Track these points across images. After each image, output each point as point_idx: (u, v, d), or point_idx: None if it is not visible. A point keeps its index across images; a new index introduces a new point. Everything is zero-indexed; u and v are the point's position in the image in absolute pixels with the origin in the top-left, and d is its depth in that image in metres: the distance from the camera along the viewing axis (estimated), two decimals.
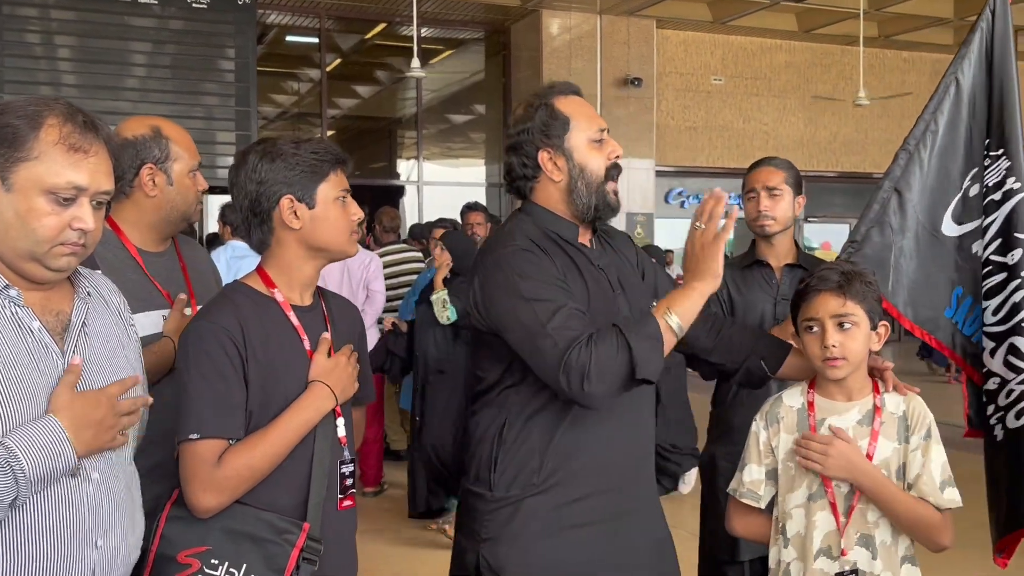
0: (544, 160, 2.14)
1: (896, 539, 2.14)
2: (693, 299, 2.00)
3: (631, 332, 1.93)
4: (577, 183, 2.14)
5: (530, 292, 2.00)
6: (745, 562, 2.91)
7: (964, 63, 2.81)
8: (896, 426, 2.15)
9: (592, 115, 2.18)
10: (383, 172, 14.90)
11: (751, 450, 2.25)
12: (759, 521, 2.27)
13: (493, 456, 2.11)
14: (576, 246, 2.17)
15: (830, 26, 13.40)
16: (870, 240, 2.75)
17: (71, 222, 1.57)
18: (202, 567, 1.82)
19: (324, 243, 2.00)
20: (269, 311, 1.96)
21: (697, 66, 13.90)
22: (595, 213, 2.15)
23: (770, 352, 2.33)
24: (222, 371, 1.86)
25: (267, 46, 12.96)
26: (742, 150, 13.93)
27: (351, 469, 2.04)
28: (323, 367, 1.96)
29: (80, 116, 1.60)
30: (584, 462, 2.10)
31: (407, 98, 13.93)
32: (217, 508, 1.83)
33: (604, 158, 2.14)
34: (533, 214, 2.18)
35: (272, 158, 1.95)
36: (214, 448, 1.83)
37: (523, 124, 2.16)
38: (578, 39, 12.53)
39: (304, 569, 1.87)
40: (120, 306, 1.81)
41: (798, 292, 2.19)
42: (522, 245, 2.08)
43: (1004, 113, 2.76)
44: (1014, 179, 2.73)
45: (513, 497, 2.08)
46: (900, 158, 2.79)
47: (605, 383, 1.93)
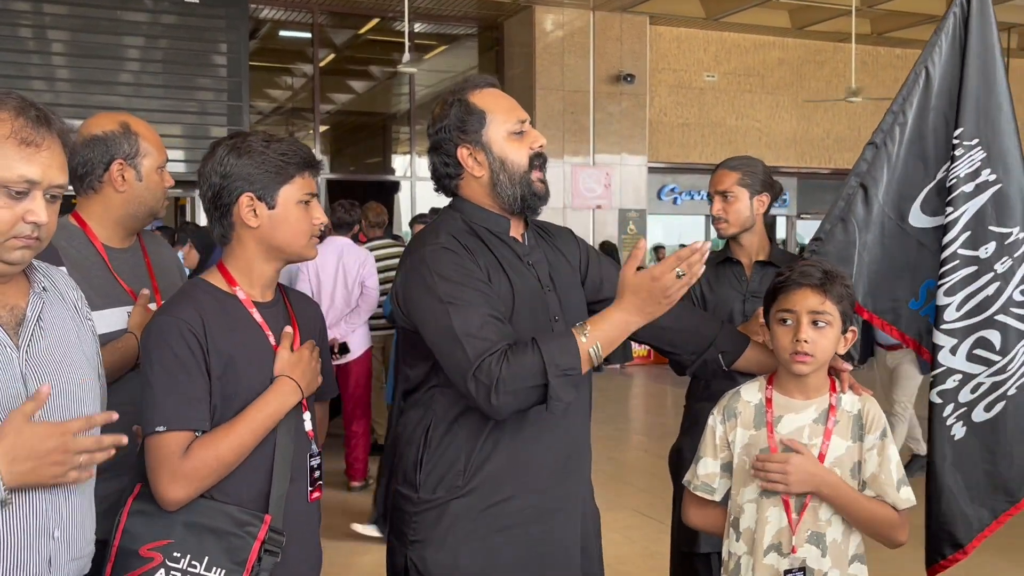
0: (464, 156, 2.12)
1: (847, 537, 2.16)
2: (623, 333, 1.96)
3: (551, 364, 1.89)
4: (499, 176, 2.11)
5: (447, 295, 1.97)
6: (712, 555, 2.95)
7: (935, 52, 2.74)
8: (850, 425, 2.17)
9: (510, 107, 2.15)
10: (377, 167, 14.89)
11: (707, 443, 2.27)
12: (714, 513, 2.29)
13: (419, 457, 2.09)
14: (505, 241, 2.15)
15: (823, 23, 13.42)
16: (834, 237, 2.73)
17: (24, 215, 1.58)
18: (164, 560, 1.84)
19: (281, 244, 2.00)
20: (231, 307, 1.98)
21: (690, 63, 13.91)
22: (522, 203, 2.12)
23: (729, 345, 2.33)
24: (184, 364, 1.87)
25: (260, 41, 12.96)
26: (735, 147, 13.95)
27: (318, 462, 2.06)
28: (287, 361, 1.98)
29: (32, 110, 1.60)
30: (508, 464, 2.08)
31: (400, 93, 13.93)
32: (185, 499, 1.85)
33: (526, 148, 2.12)
34: (462, 210, 2.16)
35: (239, 153, 1.96)
36: (180, 440, 1.84)
37: (440, 122, 2.13)
38: (571, 35, 12.53)
39: (266, 560, 1.89)
40: (77, 301, 1.81)
41: (776, 283, 2.19)
42: (444, 243, 2.05)
43: (982, 103, 2.68)
44: (989, 171, 2.66)
45: (439, 499, 2.06)
46: (867, 152, 2.76)
47: (512, 401, 1.91)
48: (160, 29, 10.69)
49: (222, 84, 10.92)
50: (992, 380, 2.67)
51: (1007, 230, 2.66)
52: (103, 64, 10.40)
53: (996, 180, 2.66)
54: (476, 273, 2.02)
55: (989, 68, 2.69)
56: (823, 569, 2.13)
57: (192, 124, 10.59)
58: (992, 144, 2.66)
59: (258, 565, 1.87)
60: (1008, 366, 2.67)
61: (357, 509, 5.84)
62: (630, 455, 7.74)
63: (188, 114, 10.62)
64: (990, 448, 2.68)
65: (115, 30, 10.47)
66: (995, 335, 2.66)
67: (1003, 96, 2.70)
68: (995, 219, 2.65)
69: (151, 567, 1.84)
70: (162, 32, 10.69)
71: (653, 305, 1.92)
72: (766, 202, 3.07)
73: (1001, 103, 2.69)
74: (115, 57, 10.51)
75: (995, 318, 2.66)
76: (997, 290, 2.65)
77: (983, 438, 2.69)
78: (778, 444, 2.17)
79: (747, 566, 2.18)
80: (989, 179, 2.66)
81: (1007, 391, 2.68)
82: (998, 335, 2.66)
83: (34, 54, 10.28)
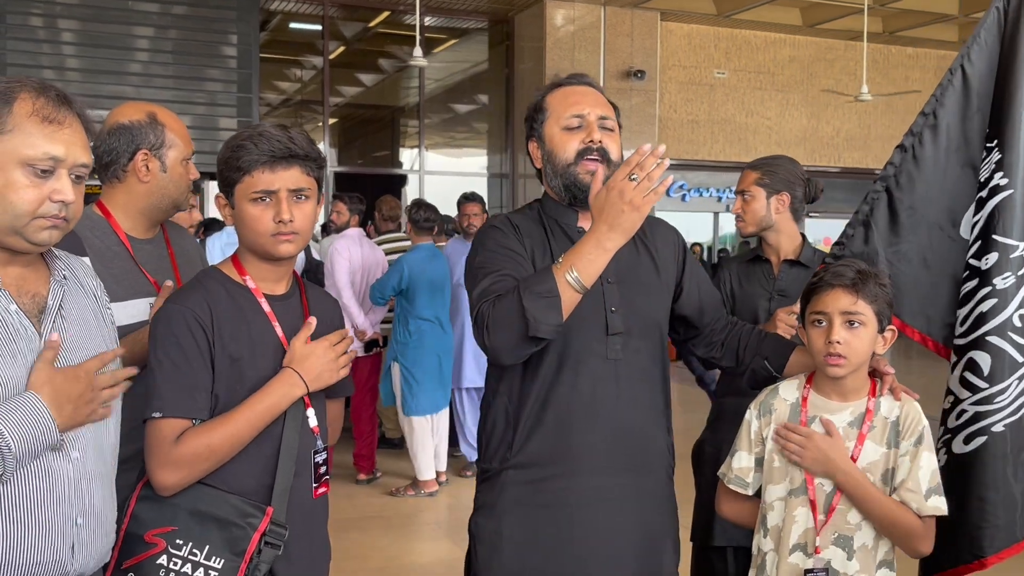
0: (532, 150, 2.27)
1: (877, 543, 2.14)
2: (598, 254, 1.95)
3: (526, 291, 1.95)
4: (547, 168, 2.22)
5: (480, 262, 2.13)
6: (728, 548, 2.95)
7: (974, 49, 2.56)
8: (887, 431, 2.13)
9: (572, 103, 2.19)
10: (385, 161, 14.88)
11: (742, 438, 2.26)
12: (747, 507, 2.28)
13: (482, 428, 2.25)
14: (568, 233, 2.20)
15: (834, 21, 13.37)
16: (854, 242, 2.62)
17: (50, 194, 1.58)
18: (167, 547, 1.85)
19: (245, 243, 2.01)
20: (241, 297, 1.98)
21: (700, 59, 13.87)
22: (567, 193, 2.19)
23: (774, 351, 2.32)
24: (187, 353, 1.87)
25: (270, 33, 12.94)
26: (744, 144, 13.93)
27: (324, 457, 2.05)
28: (298, 353, 1.97)
29: (52, 91, 1.61)
30: (554, 443, 2.13)
31: (410, 87, 13.91)
32: (176, 486, 1.86)
33: (577, 142, 2.16)
34: (542, 200, 2.30)
35: (223, 148, 1.98)
36: (175, 427, 1.85)
37: (524, 120, 2.30)
38: (582, 30, 12.50)
39: (266, 552, 1.89)
40: (96, 290, 1.82)
41: (810, 284, 2.16)
42: (498, 223, 2.21)
43: (1005, 103, 2.50)
44: (1001, 174, 2.48)
45: (493, 469, 2.20)
46: (895, 156, 2.61)
47: (501, 338, 1.98)
48: (170, 19, 10.68)
49: (232, 75, 10.91)
50: (975, 410, 2.43)
51: (1012, 242, 2.45)
52: (113, 54, 10.40)
53: (1007, 185, 2.46)
54: (513, 246, 2.15)
55: (1017, 65, 2.50)
56: (849, 572, 2.11)
57: (201, 115, 10.58)
58: (1009, 147, 2.48)
59: (257, 557, 1.88)
60: (996, 397, 2.41)
61: (365, 502, 5.84)
62: None
63: (198, 105, 10.61)
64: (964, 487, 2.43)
65: (126, 20, 10.46)
66: (985, 359, 2.42)
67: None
68: (1000, 227, 2.45)
69: (154, 553, 1.85)
70: (172, 22, 10.68)
71: (617, 215, 1.92)
72: (787, 202, 3.05)
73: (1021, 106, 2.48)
74: (125, 47, 10.50)
75: (987, 339, 2.42)
76: (993, 308, 2.43)
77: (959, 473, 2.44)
78: None
79: (772, 563, 2.18)
80: (1000, 183, 2.47)
81: (991, 426, 2.42)
82: (988, 359, 2.42)
83: (45, 43, 10.28)
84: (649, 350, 2.22)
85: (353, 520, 5.42)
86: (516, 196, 12.85)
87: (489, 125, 13.81)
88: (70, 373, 1.60)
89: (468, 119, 14.57)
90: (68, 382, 1.59)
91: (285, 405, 1.94)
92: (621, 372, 2.16)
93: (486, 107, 13.98)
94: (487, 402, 2.25)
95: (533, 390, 2.13)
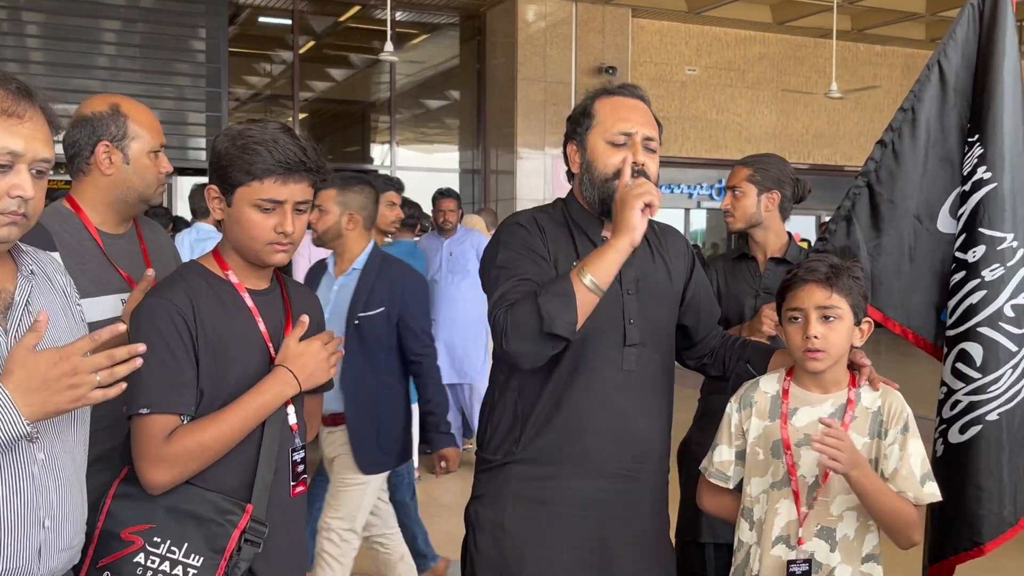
0: (571, 153, 2.26)
1: (861, 535, 2.14)
2: (608, 255, 2.02)
3: (542, 292, 2.00)
4: (584, 176, 2.21)
5: (502, 260, 2.13)
6: (708, 544, 2.96)
7: (950, 45, 2.61)
8: (869, 421, 2.14)
9: (623, 117, 2.19)
10: (356, 156, 14.80)
11: (723, 431, 2.27)
12: (728, 500, 2.29)
13: (487, 419, 2.27)
14: (592, 239, 2.21)
15: (804, 19, 13.46)
16: (836, 236, 2.66)
17: (9, 190, 1.54)
18: (144, 545, 1.82)
19: (236, 245, 1.97)
20: (224, 292, 1.95)
21: (671, 56, 13.91)
22: (601, 207, 2.19)
23: (755, 354, 2.36)
24: (172, 347, 1.84)
25: (239, 27, 12.82)
26: (715, 141, 13.99)
27: (302, 456, 2.03)
28: (291, 351, 1.95)
29: (13, 83, 1.56)
30: (562, 443, 2.15)
31: (381, 82, 13.84)
32: (168, 484, 1.83)
33: (619, 159, 2.16)
34: (567, 201, 2.29)
35: (222, 141, 1.93)
36: (164, 424, 1.82)
37: (569, 117, 2.29)
38: (553, 26, 12.49)
39: (246, 550, 1.86)
40: (66, 287, 1.77)
41: (785, 282, 2.18)
42: (522, 221, 2.21)
43: (985, 97, 2.54)
44: (985, 168, 2.52)
45: (497, 461, 2.22)
46: (875, 152, 2.66)
47: (519, 340, 2.00)
48: (138, 13, 10.56)
49: (200, 70, 10.81)
50: (969, 399, 2.49)
51: (999, 234, 2.50)
52: (79, 47, 10.27)
53: (991, 179, 2.51)
54: (538, 248, 2.15)
55: (996, 61, 2.55)
56: (832, 564, 2.12)
57: (170, 110, 10.49)
58: (991, 141, 2.52)
59: (237, 554, 1.85)
60: (990, 387, 2.47)
61: None
62: None
63: (166, 99, 10.51)
64: (961, 475, 2.49)
65: (93, 13, 10.33)
66: (977, 349, 2.48)
67: (1009, 92, 2.53)
68: (987, 220, 2.50)
69: (131, 551, 1.82)
70: (140, 16, 10.56)
71: (619, 216, 2.03)
72: (777, 200, 3.06)
73: (1005, 98, 2.53)
74: (92, 41, 10.38)
75: (978, 330, 2.48)
76: (983, 299, 2.48)
77: (955, 462, 2.50)
78: (790, 436, 2.15)
79: (755, 556, 2.18)
80: (984, 177, 2.52)
81: (985, 415, 2.48)
82: (980, 350, 2.48)
83: (8, 36, 10.13)
84: (660, 361, 2.26)
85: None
86: (488, 192, 12.82)
87: (461, 121, 13.78)
88: (48, 356, 1.51)
89: (440, 115, 14.52)
90: (44, 366, 1.49)
91: (278, 404, 1.92)
92: (634, 383, 2.19)
93: (458, 103, 13.94)
94: (492, 395, 2.27)
95: (547, 390, 2.16)
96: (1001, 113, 2.53)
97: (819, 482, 2.13)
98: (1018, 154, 2.54)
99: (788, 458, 2.14)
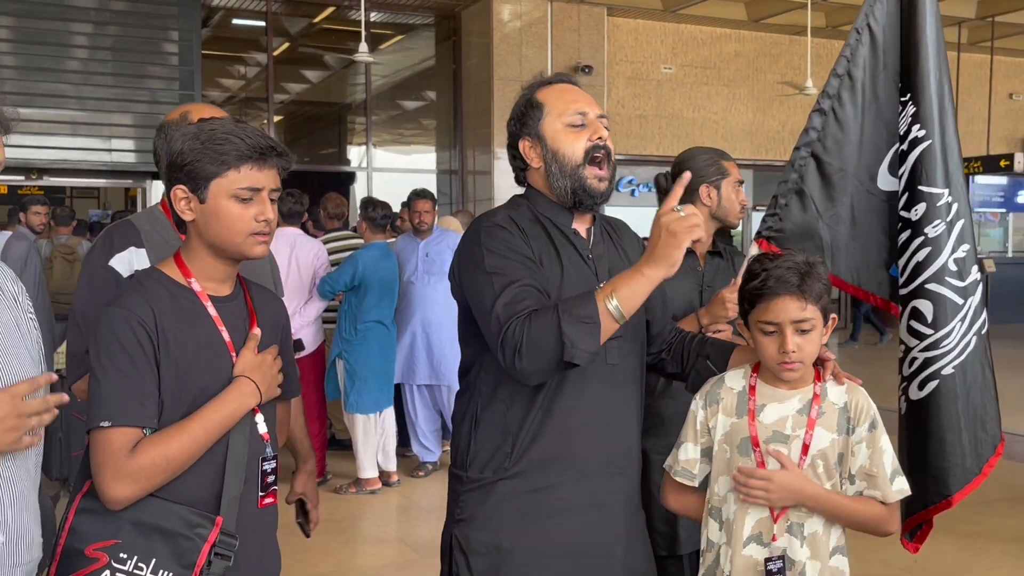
0: (525, 149, 2.18)
1: (828, 530, 2.14)
2: (641, 284, 1.94)
3: (565, 313, 1.91)
4: (551, 167, 2.14)
5: (491, 266, 2.02)
6: (684, 555, 2.90)
7: (877, 7, 2.65)
8: (836, 417, 2.13)
9: (573, 99, 2.16)
10: (332, 158, 14.73)
11: (688, 429, 2.24)
12: (693, 498, 2.26)
13: (469, 436, 2.14)
14: (565, 233, 2.16)
15: (778, 16, 13.50)
16: (790, 213, 2.66)
17: None
18: (110, 561, 1.77)
19: (215, 241, 1.90)
20: (184, 300, 1.89)
21: (647, 54, 13.92)
22: (573, 198, 2.14)
23: (715, 351, 2.32)
24: (133, 358, 1.79)
25: (212, 29, 12.72)
26: (692, 139, 13.99)
27: (273, 466, 1.98)
28: (249, 363, 1.90)
29: None
30: (555, 451, 2.09)
31: (356, 83, 13.77)
32: (130, 499, 1.77)
33: (584, 140, 2.13)
34: (530, 198, 2.21)
35: (182, 141, 1.87)
36: (126, 437, 1.76)
37: (511, 117, 2.22)
38: (529, 26, 12.47)
39: (216, 564, 1.81)
40: (17, 294, 1.73)
41: (752, 291, 2.12)
42: (499, 222, 2.11)
43: (914, 57, 2.60)
44: (919, 126, 2.58)
45: (486, 480, 2.11)
46: (814, 120, 2.67)
47: (535, 361, 1.92)
48: (109, 15, 10.45)
49: (173, 73, 10.71)
50: (924, 356, 2.55)
51: (937, 190, 2.56)
52: (50, 51, 10.15)
53: (925, 136, 2.57)
54: (524, 250, 2.06)
55: (920, 19, 2.61)
56: (802, 560, 2.11)
57: (143, 113, 10.38)
58: (921, 99, 2.58)
59: (207, 568, 1.80)
60: (942, 342, 2.54)
61: None
62: None
63: (139, 103, 10.40)
64: (923, 431, 2.55)
65: (62, 16, 10.21)
66: (927, 306, 2.54)
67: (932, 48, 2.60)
68: (924, 178, 2.57)
69: (96, 568, 1.76)
70: (111, 18, 10.45)
71: (664, 249, 1.93)
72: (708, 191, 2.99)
73: (930, 55, 2.60)
74: (62, 44, 10.26)
75: (926, 287, 2.54)
76: (928, 256, 2.54)
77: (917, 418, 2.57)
78: (759, 434, 2.12)
79: (726, 556, 2.15)
80: (919, 135, 2.57)
81: (940, 369, 2.54)
82: (930, 306, 2.54)
83: None
84: (638, 352, 2.24)
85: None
86: (466, 192, 12.79)
87: (437, 121, 13.73)
88: None
89: (416, 115, 14.47)
90: None
91: (241, 414, 1.87)
92: (618, 376, 2.16)
93: (434, 103, 13.89)
94: (473, 409, 2.15)
95: (538, 398, 2.08)
96: (928, 70, 2.59)
97: None
98: (944, 111, 2.60)
99: (757, 455, 2.12)
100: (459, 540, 2.13)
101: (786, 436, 2.12)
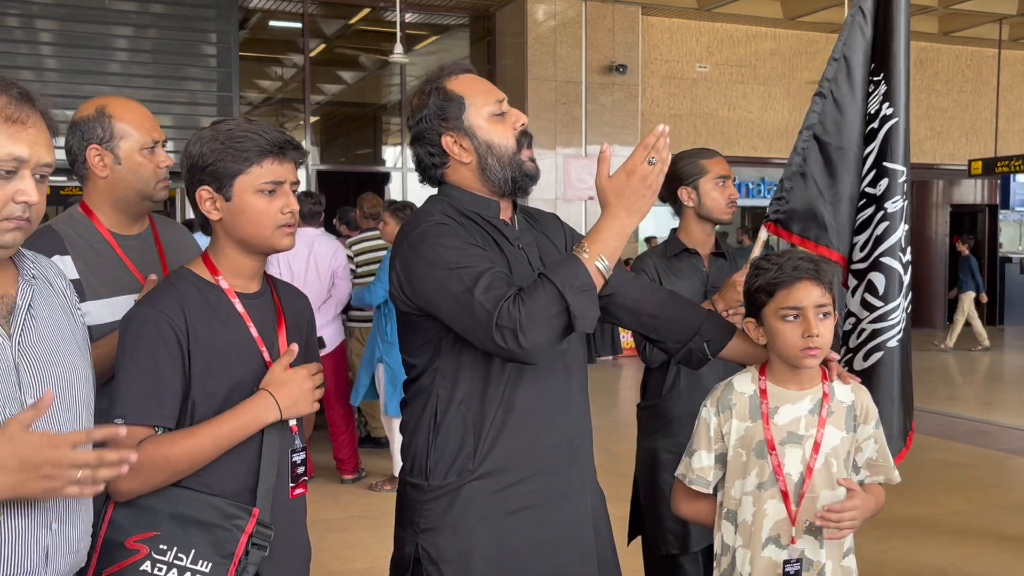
0: (449, 144, 2.10)
1: None
2: (622, 236, 1.93)
3: (565, 285, 1.87)
4: (487, 160, 2.09)
5: (453, 261, 1.96)
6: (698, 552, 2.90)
7: None
8: (844, 415, 2.18)
9: (487, 89, 2.13)
10: (367, 159, 14.83)
11: (700, 436, 2.24)
12: (704, 504, 2.27)
13: (428, 444, 2.08)
14: (495, 224, 2.13)
15: (815, 14, 13.41)
16: (795, 193, 2.71)
17: (14, 195, 1.55)
18: (150, 552, 1.82)
19: (244, 236, 1.94)
20: (213, 298, 1.94)
21: (682, 53, 13.89)
22: (514, 185, 2.11)
23: (715, 334, 2.27)
24: (156, 358, 1.83)
25: (250, 31, 12.88)
26: (727, 138, 13.95)
27: (302, 457, 2.02)
28: (277, 378, 1.92)
29: (15, 89, 1.57)
30: (517, 446, 2.07)
31: (391, 84, 13.87)
32: (130, 493, 1.82)
33: (510, 129, 2.11)
34: (450, 196, 2.14)
35: (202, 143, 1.91)
36: (135, 434, 1.80)
37: (420, 112, 2.11)
38: (563, 25, 12.49)
39: (253, 555, 1.86)
40: (66, 289, 1.78)
41: (771, 281, 2.13)
42: (439, 220, 2.05)
43: (887, 34, 2.68)
44: (888, 104, 2.65)
45: (450, 485, 2.05)
46: (815, 104, 2.73)
47: (540, 336, 1.87)
48: (149, 18, 10.63)
49: (212, 74, 10.86)
50: (872, 327, 2.63)
51: (898, 167, 2.65)
52: (92, 54, 10.34)
53: (893, 114, 2.65)
54: (473, 240, 2.03)
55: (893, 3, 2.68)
56: (821, 561, 2.13)
57: (181, 115, 10.53)
58: (893, 77, 2.66)
59: (245, 559, 1.85)
60: (890, 314, 2.62)
61: (348, 502, 5.82)
62: (624, 446, 7.71)
63: (178, 104, 10.56)
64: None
65: (104, 19, 10.40)
66: (880, 279, 2.62)
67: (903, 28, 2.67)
68: (889, 154, 2.65)
69: (137, 559, 1.82)
70: (151, 22, 10.63)
71: (638, 200, 1.91)
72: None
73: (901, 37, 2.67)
74: (104, 47, 10.45)
75: (881, 260, 2.62)
76: (886, 231, 2.62)
77: None
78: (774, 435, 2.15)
79: (743, 559, 2.17)
80: (887, 113, 2.66)
81: (886, 341, 2.62)
82: (883, 279, 2.62)
83: (22, 43, 10.21)
84: (579, 333, 2.13)
85: (338, 520, 5.39)
86: None
87: None
88: (37, 440, 1.47)
89: None
90: (29, 448, 1.46)
91: (255, 428, 1.89)
92: (568, 361, 2.15)
93: None
94: (430, 414, 2.09)
95: (496, 393, 2.05)
96: (900, 49, 2.67)
97: (804, 479, 2.13)
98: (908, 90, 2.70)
99: (773, 458, 2.13)
100: (426, 551, 2.06)
101: (800, 436, 2.14)
